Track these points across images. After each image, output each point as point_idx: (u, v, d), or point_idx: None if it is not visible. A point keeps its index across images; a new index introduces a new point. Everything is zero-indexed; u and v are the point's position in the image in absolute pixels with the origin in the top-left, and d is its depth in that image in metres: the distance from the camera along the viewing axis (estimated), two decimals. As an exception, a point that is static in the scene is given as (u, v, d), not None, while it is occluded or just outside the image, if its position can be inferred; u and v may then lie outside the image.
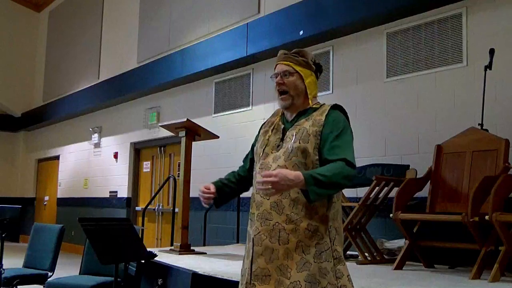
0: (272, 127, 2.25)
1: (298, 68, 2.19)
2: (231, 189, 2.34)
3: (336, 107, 2.21)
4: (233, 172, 2.41)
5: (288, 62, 2.21)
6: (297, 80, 2.19)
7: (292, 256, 2.02)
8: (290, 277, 2.00)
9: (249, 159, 2.36)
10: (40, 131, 13.42)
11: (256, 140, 2.35)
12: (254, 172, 2.22)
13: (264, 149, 2.18)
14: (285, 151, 2.10)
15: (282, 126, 2.22)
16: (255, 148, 2.27)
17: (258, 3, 7.00)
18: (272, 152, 2.15)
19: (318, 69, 2.28)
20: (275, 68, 2.26)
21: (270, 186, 1.90)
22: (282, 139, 2.16)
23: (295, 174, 1.93)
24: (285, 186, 1.91)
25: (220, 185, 2.30)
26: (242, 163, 2.42)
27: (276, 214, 2.05)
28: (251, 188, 2.29)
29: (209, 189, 2.23)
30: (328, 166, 2.00)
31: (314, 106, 2.21)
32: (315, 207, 2.04)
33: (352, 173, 2.02)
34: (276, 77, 2.21)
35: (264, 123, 2.36)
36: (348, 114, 2.24)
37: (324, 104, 2.23)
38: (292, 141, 2.10)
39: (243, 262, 2.20)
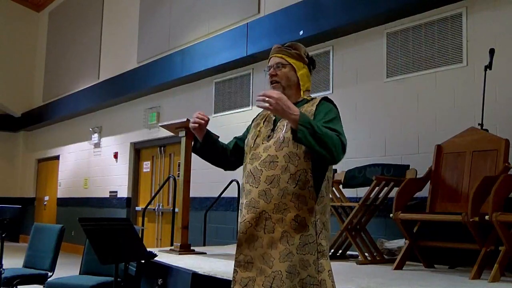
0: (263, 119, 2.27)
1: (290, 60, 2.23)
2: (217, 147, 2.32)
3: (327, 100, 2.22)
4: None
5: (281, 55, 2.24)
6: (289, 71, 2.22)
7: (276, 245, 2.03)
8: (272, 266, 2.01)
9: (235, 143, 2.36)
10: (40, 131, 13.42)
11: (246, 131, 2.37)
12: (244, 164, 2.23)
13: (255, 140, 2.20)
14: (276, 141, 2.11)
15: (273, 117, 2.23)
16: (246, 139, 2.28)
17: (258, 3, 7.00)
18: (263, 143, 2.16)
19: (311, 62, 2.30)
20: (268, 61, 2.28)
21: (267, 99, 1.91)
22: (273, 130, 2.18)
23: (295, 107, 1.94)
24: (280, 108, 1.91)
25: (210, 133, 2.30)
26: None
27: (264, 203, 2.06)
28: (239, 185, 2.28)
29: (205, 116, 2.23)
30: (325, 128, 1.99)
31: (306, 98, 2.24)
32: (304, 198, 2.05)
33: (340, 149, 1.97)
34: (269, 70, 2.24)
35: (256, 116, 2.37)
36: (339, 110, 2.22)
37: (316, 97, 2.25)
38: (283, 131, 2.11)
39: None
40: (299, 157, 2.05)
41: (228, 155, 2.35)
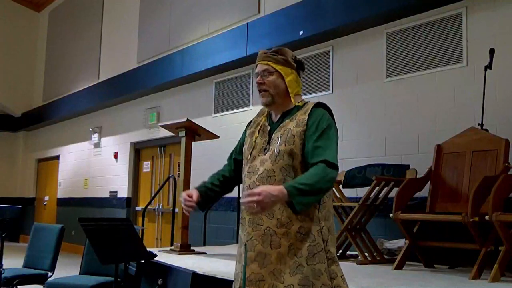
0: (258, 128, 2.24)
1: (277, 67, 2.19)
2: (216, 193, 2.32)
3: (319, 105, 2.18)
4: (217, 173, 2.37)
5: (267, 62, 2.21)
6: (277, 79, 2.18)
7: (285, 260, 2.02)
8: (284, 281, 1.99)
9: (233, 159, 2.35)
10: (40, 131, 13.42)
11: (241, 140, 2.35)
12: (243, 175, 2.21)
13: (251, 152, 2.17)
14: (272, 154, 2.09)
15: (268, 127, 2.21)
16: (243, 149, 2.26)
17: (258, 3, 7.00)
18: (259, 155, 2.14)
19: (299, 66, 2.26)
20: (255, 68, 2.26)
21: (254, 205, 1.87)
22: (268, 142, 2.15)
23: (278, 189, 1.89)
24: (269, 203, 1.88)
25: (203, 189, 2.28)
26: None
27: (267, 219, 2.05)
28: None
29: (191, 196, 2.20)
30: (308, 173, 1.98)
31: (298, 104, 2.20)
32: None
33: (333, 175, 1.99)
34: (257, 77, 2.22)
35: (250, 122, 2.34)
36: (332, 112, 2.20)
37: (308, 102, 2.22)
38: (278, 143, 2.09)
39: (235, 265, 2.19)
40: (296, 168, 2.05)
41: (229, 182, 2.35)
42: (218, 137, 5.22)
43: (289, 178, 2.03)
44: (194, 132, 4.96)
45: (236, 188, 2.47)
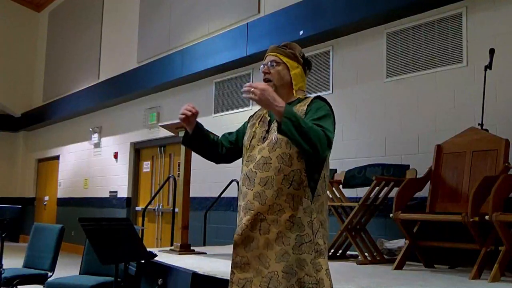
0: (259, 120, 2.28)
1: (284, 59, 2.25)
2: (207, 140, 2.34)
3: (319, 98, 2.22)
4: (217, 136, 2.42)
5: (276, 53, 2.27)
6: (282, 70, 2.24)
7: (272, 246, 2.04)
8: (269, 266, 2.02)
9: (229, 141, 2.39)
10: (40, 131, 13.42)
11: (239, 129, 2.39)
12: (242, 165, 2.24)
13: (250, 142, 2.21)
14: (270, 142, 2.12)
15: (268, 118, 2.24)
16: (243, 140, 2.30)
17: (258, 3, 7.00)
18: (258, 144, 2.17)
19: (306, 63, 2.31)
20: (264, 60, 2.31)
21: (252, 90, 1.95)
22: (267, 131, 2.19)
23: (280, 100, 1.98)
24: (265, 99, 1.96)
25: (201, 126, 2.32)
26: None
27: (259, 204, 2.07)
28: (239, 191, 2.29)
29: (193, 109, 2.24)
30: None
31: (300, 97, 2.24)
32: (300, 198, 2.05)
33: (325, 145, 1.98)
34: (263, 67, 2.27)
35: (252, 115, 2.38)
36: (333, 107, 2.21)
37: (310, 96, 2.26)
38: (276, 131, 2.11)
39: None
40: (292, 157, 2.06)
41: (219, 149, 2.36)
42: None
43: (285, 166, 2.05)
44: (194, 132, 4.95)
45: (236, 188, 2.47)
